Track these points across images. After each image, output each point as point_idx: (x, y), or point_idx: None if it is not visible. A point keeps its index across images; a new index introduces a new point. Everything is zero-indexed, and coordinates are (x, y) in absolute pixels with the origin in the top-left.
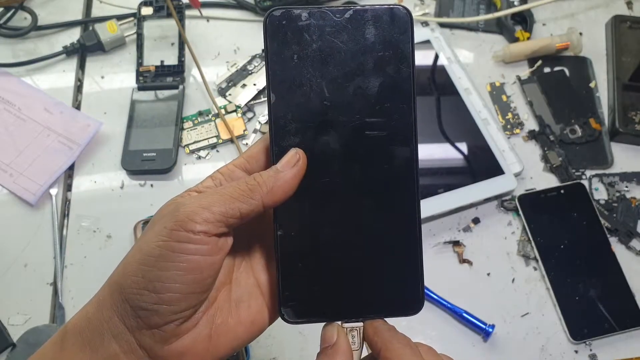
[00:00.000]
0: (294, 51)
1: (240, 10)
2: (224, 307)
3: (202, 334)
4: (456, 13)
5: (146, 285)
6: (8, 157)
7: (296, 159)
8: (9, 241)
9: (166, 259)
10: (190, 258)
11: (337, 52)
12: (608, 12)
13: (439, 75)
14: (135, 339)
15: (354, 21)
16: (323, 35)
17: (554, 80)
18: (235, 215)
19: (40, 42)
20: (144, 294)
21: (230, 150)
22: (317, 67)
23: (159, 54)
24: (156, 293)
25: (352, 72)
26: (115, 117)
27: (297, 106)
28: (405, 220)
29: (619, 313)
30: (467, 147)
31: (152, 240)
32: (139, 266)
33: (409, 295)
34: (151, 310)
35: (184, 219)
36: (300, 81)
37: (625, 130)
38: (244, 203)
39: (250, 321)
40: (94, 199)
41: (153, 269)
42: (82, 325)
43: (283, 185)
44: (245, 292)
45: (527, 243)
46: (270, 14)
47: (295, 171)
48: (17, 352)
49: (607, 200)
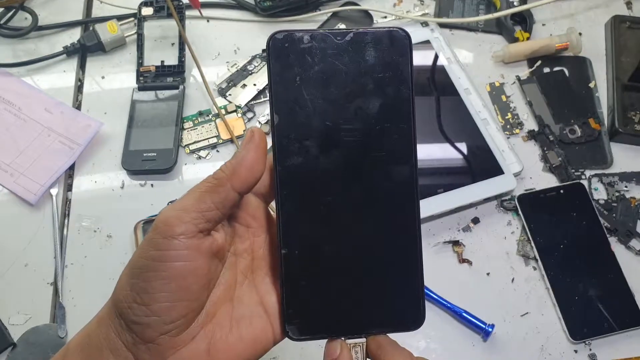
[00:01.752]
0: (296, 73)
1: (240, 10)
2: (223, 323)
3: (200, 348)
4: (456, 13)
5: (135, 298)
6: (9, 157)
7: (250, 136)
8: (9, 241)
9: (149, 269)
10: (173, 265)
11: (338, 73)
12: (608, 12)
13: (438, 76)
14: (133, 354)
15: (354, 44)
16: (325, 57)
17: (554, 80)
18: (210, 208)
19: (40, 42)
20: (134, 307)
21: (230, 151)
22: (318, 89)
23: (159, 54)
24: (145, 305)
25: (353, 93)
26: (115, 117)
27: (299, 126)
28: (406, 238)
29: (618, 313)
30: (467, 147)
31: (137, 253)
32: (128, 280)
33: (410, 311)
34: (143, 323)
35: (161, 226)
36: (303, 102)
37: (625, 130)
38: (214, 193)
39: (251, 339)
40: (95, 199)
41: (139, 280)
42: (83, 343)
43: (245, 164)
44: (247, 310)
45: (527, 243)
46: (273, 37)
47: (253, 146)
48: (17, 352)
49: (606, 200)
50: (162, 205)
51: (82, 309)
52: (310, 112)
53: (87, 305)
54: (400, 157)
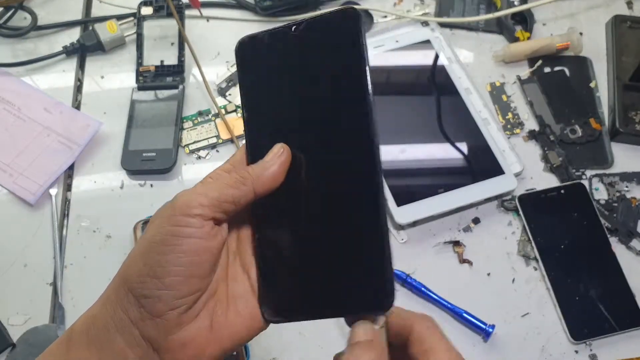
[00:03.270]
0: (260, 71)
1: (240, 10)
2: (222, 300)
3: (204, 324)
4: (456, 13)
5: (148, 272)
6: (8, 157)
7: (281, 152)
8: (9, 241)
9: (166, 243)
10: (189, 241)
11: (296, 65)
12: (608, 12)
13: (439, 75)
14: (139, 330)
15: (309, 32)
16: (284, 51)
17: (554, 80)
18: (229, 200)
19: (40, 42)
20: (146, 281)
21: (230, 150)
22: (279, 83)
23: (159, 54)
24: (158, 278)
25: (310, 81)
26: (115, 117)
27: (265, 120)
28: (369, 219)
29: (619, 313)
30: (467, 147)
31: (153, 230)
32: (141, 255)
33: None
34: (154, 297)
35: (181, 205)
36: (266, 97)
37: (626, 130)
38: (236, 189)
39: (248, 315)
40: (94, 199)
41: (154, 254)
42: (87, 324)
43: (270, 175)
44: (241, 287)
45: (527, 243)
46: (239, 42)
47: (280, 161)
48: (17, 352)
49: (607, 200)
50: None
51: (82, 310)
52: (273, 106)
53: (86, 306)
54: (358, 138)
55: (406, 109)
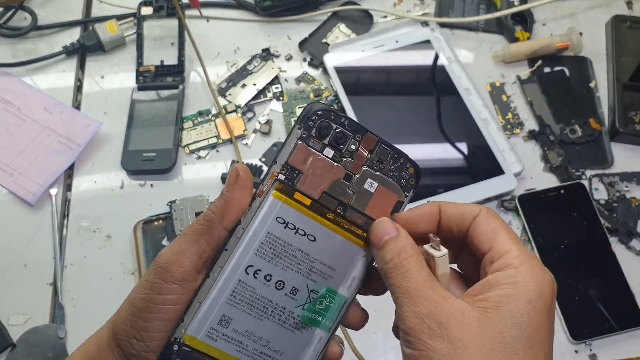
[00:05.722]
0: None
1: (240, 10)
2: None
3: None
4: (456, 13)
5: (134, 335)
6: (8, 157)
7: (235, 175)
8: (9, 241)
9: (150, 310)
10: (171, 308)
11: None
12: (608, 12)
13: (439, 75)
14: None
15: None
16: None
17: (554, 80)
18: (205, 249)
19: (40, 42)
20: (133, 342)
21: (230, 150)
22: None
23: (159, 54)
24: (144, 342)
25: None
26: (115, 117)
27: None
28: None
29: (619, 313)
30: (467, 147)
31: (138, 292)
32: (128, 317)
33: None
34: (141, 356)
35: (162, 271)
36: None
37: (625, 130)
38: (207, 235)
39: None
40: (94, 199)
41: (139, 320)
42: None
43: (234, 204)
44: None
45: (527, 243)
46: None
47: (239, 186)
48: (17, 352)
49: (607, 200)
50: (162, 205)
51: (82, 309)
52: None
53: (86, 306)
54: None
55: (406, 109)
